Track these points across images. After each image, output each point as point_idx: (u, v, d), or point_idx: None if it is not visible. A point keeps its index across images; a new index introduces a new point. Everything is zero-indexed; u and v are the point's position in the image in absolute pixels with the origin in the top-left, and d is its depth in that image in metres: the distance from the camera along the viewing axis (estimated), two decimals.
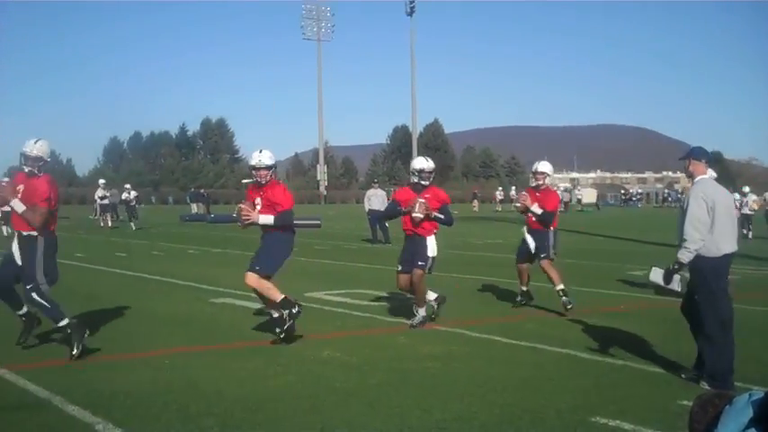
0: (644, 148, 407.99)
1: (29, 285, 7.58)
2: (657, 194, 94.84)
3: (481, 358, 7.64)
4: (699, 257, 6.56)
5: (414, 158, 10.00)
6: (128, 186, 35.67)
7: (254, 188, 8.47)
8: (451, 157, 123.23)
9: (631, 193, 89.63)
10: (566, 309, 10.10)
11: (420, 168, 9.44)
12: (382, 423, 5.49)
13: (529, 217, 10.68)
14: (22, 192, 7.62)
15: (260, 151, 8.37)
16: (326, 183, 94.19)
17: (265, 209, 8.29)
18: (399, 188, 11.04)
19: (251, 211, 8.24)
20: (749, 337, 7.85)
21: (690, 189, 6.88)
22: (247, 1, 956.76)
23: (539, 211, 10.49)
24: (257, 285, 8.20)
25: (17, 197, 7.58)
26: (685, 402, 5.80)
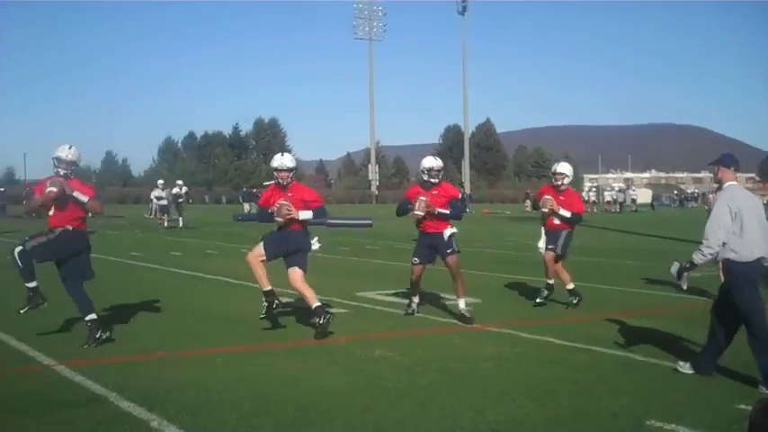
0: (699, 148, 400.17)
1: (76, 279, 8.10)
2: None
3: (534, 359, 7.59)
4: (732, 262, 6.65)
5: (423, 158, 10.32)
6: (179, 182, 35.64)
7: (274, 189, 8.89)
8: (504, 157, 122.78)
9: (688, 193, 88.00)
10: (537, 302, 10.90)
11: (429, 167, 9.91)
12: (435, 424, 5.48)
13: (548, 218, 10.84)
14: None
15: (281, 154, 8.94)
16: (378, 182, 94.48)
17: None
18: (410, 186, 11.39)
19: (292, 208, 8.60)
20: None
21: (717, 194, 7.06)
22: (299, 1, 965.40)
23: (567, 214, 10.74)
24: (302, 288, 8.66)
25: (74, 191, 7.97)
26: (743, 406, 5.72)
